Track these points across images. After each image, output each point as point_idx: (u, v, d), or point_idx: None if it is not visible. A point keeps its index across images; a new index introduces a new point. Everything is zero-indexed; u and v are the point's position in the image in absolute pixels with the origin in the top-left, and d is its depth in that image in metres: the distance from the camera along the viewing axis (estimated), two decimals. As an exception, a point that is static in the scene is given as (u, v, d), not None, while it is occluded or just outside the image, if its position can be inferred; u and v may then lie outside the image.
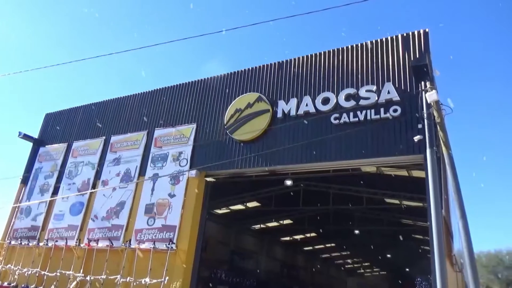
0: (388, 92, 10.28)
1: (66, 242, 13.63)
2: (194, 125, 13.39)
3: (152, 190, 13.02)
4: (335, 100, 11.02)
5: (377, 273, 56.75)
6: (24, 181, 16.87)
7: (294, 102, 11.68)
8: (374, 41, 11.20)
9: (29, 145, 17.80)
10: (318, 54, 12.03)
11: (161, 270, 11.17)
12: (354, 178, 16.40)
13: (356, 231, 26.64)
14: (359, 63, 11.16)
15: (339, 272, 50.51)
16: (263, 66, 12.92)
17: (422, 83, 9.12)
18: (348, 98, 10.86)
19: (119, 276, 11.62)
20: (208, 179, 12.92)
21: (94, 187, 14.51)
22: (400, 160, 10.34)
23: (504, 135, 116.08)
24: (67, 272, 12.73)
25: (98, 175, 14.73)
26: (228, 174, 12.94)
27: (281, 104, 11.90)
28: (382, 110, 10.23)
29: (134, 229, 12.65)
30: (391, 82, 10.38)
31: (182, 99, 14.30)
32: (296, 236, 32.75)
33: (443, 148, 8.70)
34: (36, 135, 18.06)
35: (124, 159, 14.32)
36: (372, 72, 10.83)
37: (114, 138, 15.12)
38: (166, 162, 13.26)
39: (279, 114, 11.79)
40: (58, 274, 12.79)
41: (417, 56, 10.21)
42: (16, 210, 16.21)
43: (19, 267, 13.89)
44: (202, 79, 14.23)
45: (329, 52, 11.83)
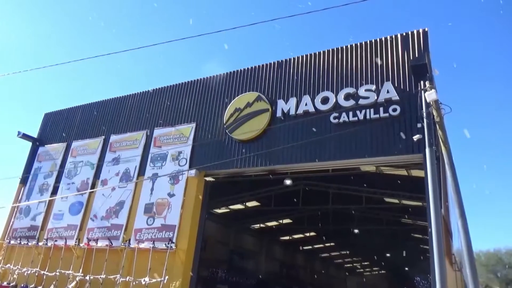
0: (388, 92, 10.27)
1: (66, 242, 13.62)
2: (194, 124, 13.38)
3: (152, 189, 13.01)
4: (334, 100, 11.01)
5: (376, 272, 56.84)
6: (23, 181, 16.85)
7: (293, 101, 11.67)
8: (373, 40, 11.19)
9: (28, 144, 17.80)
10: (317, 53, 12.02)
11: (160, 269, 11.17)
12: (354, 177, 16.42)
13: (356, 231, 26.67)
14: (359, 62, 11.16)
15: (338, 271, 50.54)
16: (263, 65, 12.90)
17: (422, 82, 9.12)
18: (347, 97, 10.85)
19: (118, 275, 11.62)
20: (207, 178, 12.92)
21: (93, 186, 14.49)
22: (399, 160, 10.34)
23: (504, 135, 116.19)
24: (67, 271, 12.72)
25: (97, 175, 14.71)
26: (227, 174, 12.94)
27: (280, 103, 11.89)
28: (381, 109, 10.22)
29: (133, 228, 12.64)
30: (390, 82, 10.37)
31: (181, 99, 14.29)
32: (296, 236, 32.77)
33: (442, 148, 8.71)
34: (35, 135, 18.05)
35: (123, 158, 14.30)
36: (372, 71, 10.83)
37: (113, 138, 15.10)
38: (165, 162, 13.25)
39: (279, 114, 11.77)
40: (58, 273, 12.77)
41: (416, 55, 10.21)
42: (15, 210, 16.19)
43: (19, 267, 13.88)
44: (201, 79, 14.21)
45: (328, 51, 11.82)
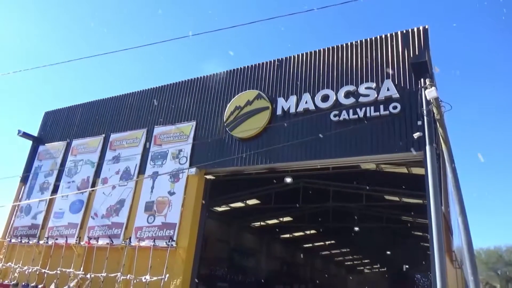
0: (388, 89, 10.27)
1: (66, 240, 13.63)
2: (194, 122, 13.38)
3: (152, 188, 13.02)
4: (334, 97, 11.01)
5: (377, 270, 56.92)
6: (24, 179, 16.85)
7: (293, 99, 11.67)
8: (373, 38, 11.18)
9: (28, 143, 17.80)
10: (317, 51, 12.01)
11: (161, 267, 11.19)
12: (354, 175, 16.40)
13: (356, 228, 26.68)
14: (359, 60, 11.15)
15: (339, 269, 50.62)
16: (263, 63, 12.90)
17: (422, 80, 9.11)
18: (347, 95, 10.85)
19: (119, 273, 11.63)
20: (207, 176, 12.93)
21: (93, 185, 14.49)
22: (399, 157, 10.33)
23: (504, 132, 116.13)
24: (68, 270, 12.73)
25: (97, 173, 14.72)
26: (227, 172, 12.94)
27: (280, 101, 11.89)
28: (381, 107, 10.22)
29: (134, 227, 12.66)
30: (390, 79, 10.37)
31: (181, 97, 14.28)
32: (296, 234, 32.80)
33: (443, 145, 8.71)
34: (35, 134, 18.04)
35: (123, 157, 14.31)
36: (372, 69, 10.82)
37: (113, 136, 15.10)
38: (165, 160, 13.26)
39: (279, 112, 11.77)
40: (59, 272, 12.78)
41: (416, 53, 10.21)
42: (16, 208, 16.19)
43: (20, 265, 13.89)
44: (201, 77, 14.20)
45: (328, 49, 11.82)
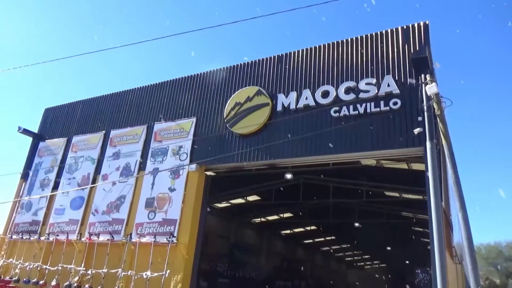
0: (388, 85, 10.24)
1: (67, 236, 13.67)
2: (194, 119, 13.37)
3: (152, 184, 13.03)
4: (334, 93, 10.99)
5: (377, 265, 57.08)
6: (24, 176, 16.88)
7: (293, 95, 11.65)
8: (374, 33, 11.13)
9: (28, 140, 17.81)
10: (317, 47, 11.97)
11: (162, 263, 11.21)
12: (354, 171, 16.42)
13: (356, 224, 26.74)
14: (359, 56, 11.11)
15: (339, 265, 50.76)
16: (263, 59, 12.86)
17: (422, 75, 9.10)
18: (348, 91, 10.83)
19: (120, 269, 11.67)
20: (208, 173, 12.94)
21: (94, 181, 14.51)
22: (400, 153, 10.33)
23: (504, 128, 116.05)
24: (69, 266, 12.75)
25: (98, 170, 14.74)
26: (228, 168, 12.94)
27: (280, 97, 11.87)
28: (382, 103, 10.20)
29: (134, 223, 12.69)
30: (391, 75, 10.34)
31: (182, 93, 14.26)
32: (296, 230, 32.88)
33: (443, 141, 8.71)
34: (35, 130, 18.04)
35: (123, 153, 14.31)
36: (372, 65, 10.79)
37: (114, 133, 15.10)
38: (166, 156, 13.26)
39: (279, 108, 11.75)
40: (60, 268, 12.81)
41: (417, 48, 10.17)
42: (17, 205, 16.24)
43: (21, 261, 13.93)
44: (201, 73, 14.17)
45: (328, 45, 11.78)
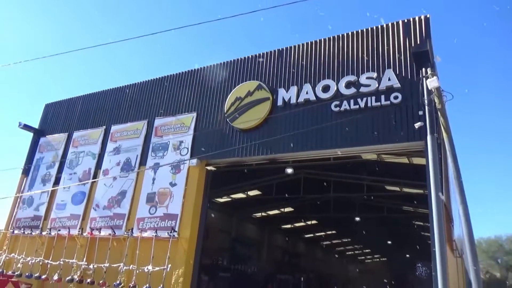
0: (389, 79, 10.21)
1: (69, 231, 13.72)
2: (194, 114, 13.36)
3: (153, 179, 13.05)
4: (335, 88, 10.96)
5: (378, 259, 57.29)
6: (26, 171, 16.90)
7: (294, 90, 11.62)
8: (374, 27, 11.08)
9: (29, 135, 17.81)
10: (318, 41, 11.92)
11: (163, 258, 11.26)
12: (355, 165, 16.41)
13: (357, 219, 26.79)
14: (360, 50, 11.07)
15: (340, 259, 50.94)
16: (263, 54, 12.82)
17: (423, 69, 9.06)
18: (348, 85, 10.80)
19: (122, 264, 11.73)
20: (208, 168, 12.94)
21: (95, 176, 14.53)
22: (400, 147, 10.32)
23: (505, 121, 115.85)
24: (70, 260, 12.84)
25: (99, 165, 14.76)
26: (228, 163, 12.95)
27: (281, 92, 11.84)
28: (382, 97, 10.17)
29: (136, 217, 12.73)
30: (391, 69, 10.30)
31: (182, 88, 14.23)
32: (297, 224, 32.96)
33: (444, 135, 8.70)
34: (36, 126, 18.03)
35: (124, 148, 14.32)
36: (373, 59, 10.75)
37: (114, 128, 15.10)
38: (166, 151, 13.26)
39: (279, 102, 11.73)
40: (62, 262, 12.89)
41: (418, 42, 10.12)
42: (18, 200, 16.28)
43: (23, 256, 13.99)
44: (202, 68, 14.13)
45: (329, 39, 11.73)
